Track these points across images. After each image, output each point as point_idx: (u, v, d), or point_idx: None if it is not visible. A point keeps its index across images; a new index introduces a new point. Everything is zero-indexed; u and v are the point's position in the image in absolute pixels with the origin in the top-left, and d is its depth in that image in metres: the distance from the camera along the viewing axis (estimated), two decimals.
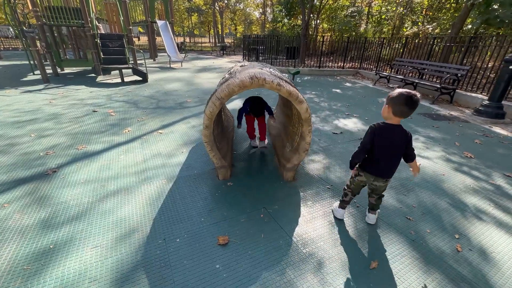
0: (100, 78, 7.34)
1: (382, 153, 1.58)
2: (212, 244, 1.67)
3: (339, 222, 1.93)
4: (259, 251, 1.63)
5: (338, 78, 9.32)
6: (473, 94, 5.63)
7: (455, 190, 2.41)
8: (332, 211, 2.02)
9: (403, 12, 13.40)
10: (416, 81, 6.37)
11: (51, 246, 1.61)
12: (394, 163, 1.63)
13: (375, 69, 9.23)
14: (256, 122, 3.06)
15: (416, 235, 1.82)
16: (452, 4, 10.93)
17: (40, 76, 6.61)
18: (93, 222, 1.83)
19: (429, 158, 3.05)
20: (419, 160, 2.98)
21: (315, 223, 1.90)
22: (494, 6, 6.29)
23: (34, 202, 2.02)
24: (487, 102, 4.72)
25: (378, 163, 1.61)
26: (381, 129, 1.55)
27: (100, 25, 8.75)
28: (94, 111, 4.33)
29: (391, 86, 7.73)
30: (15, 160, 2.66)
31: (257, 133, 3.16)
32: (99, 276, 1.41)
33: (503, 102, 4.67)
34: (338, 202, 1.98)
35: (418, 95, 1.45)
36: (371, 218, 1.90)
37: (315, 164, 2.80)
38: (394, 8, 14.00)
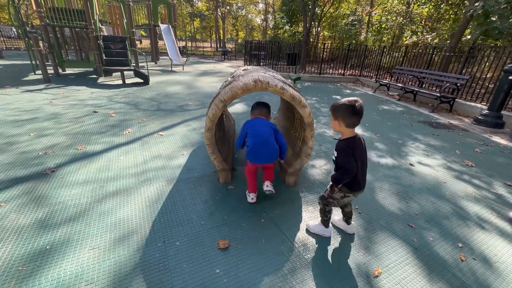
0: (101, 80, 7.34)
1: (360, 167, 1.50)
2: (213, 248, 1.64)
3: (341, 230, 1.90)
4: (260, 256, 1.60)
5: (338, 85, 9.39)
6: (473, 104, 5.68)
7: (457, 198, 2.40)
8: (317, 233, 1.79)
9: (403, 22, 13.61)
10: (416, 89, 6.42)
11: (47, 247, 1.57)
12: (365, 171, 1.58)
13: (375, 77, 9.32)
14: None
15: (419, 243, 1.80)
16: (451, 15, 11.12)
17: (41, 76, 6.61)
18: (91, 223, 1.80)
19: (430, 165, 3.04)
20: (420, 167, 2.97)
21: None
22: (492, 17, 6.40)
23: (31, 201, 1.99)
24: (487, 111, 4.76)
25: (359, 179, 1.52)
26: (354, 145, 1.46)
27: (103, 27, 8.81)
28: (95, 112, 4.31)
29: (391, 93, 7.78)
30: (13, 159, 2.63)
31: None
32: (96, 279, 1.38)
33: (502, 112, 4.70)
34: (319, 223, 1.78)
35: (360, 101, 1.42)
36: (352, 227, 1.83)
37: (317, 169, 2.79)
38: (394, 18, 14.23)
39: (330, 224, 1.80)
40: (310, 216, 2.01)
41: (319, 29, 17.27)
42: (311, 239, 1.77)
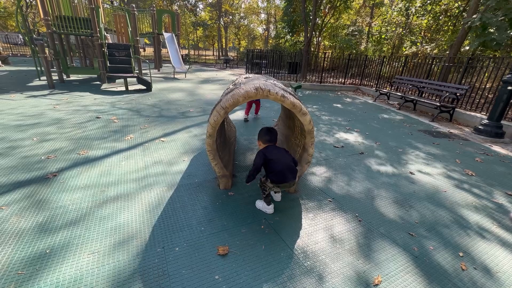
0: (104, 86, 7.45)
1: (278, 165, 1.94)
2: (212, 254, 1.64)
3: (341, 236, 1.90)
4: (260, 263, 1.59)
5: (339, 93, 9.47)
6: (472, 113, 5.71)
7: (457, 207, 2.39)
8: (261, 209, 2.12)
9: (402, 33, 13.85)
10: (416, 98, 6.47)
11: (47, 251, 1.57)
12: (290, 169, 1.97)
13: (375, 86, 9.41)
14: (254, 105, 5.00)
15: (420, 252, 1.79)
16: (450, 27, 11.31)
17: (46, 82, 6.71)
18: (91, 227, 1.80)
19: (430, 174, 3.04)
20: (420, 176, 2.97)
21: (317, 236, 1.87)
22: (490, 29, 6.51)
23: (32, 205, 2.00)
24: (487, 121, 4.78)
25: (282, 174, 1.93)
26: (266, 150, 2.02)
27: (108, 35, 8.99)
28: (97, 118, 4.36)
29: (391, 102, 7.84)
30: (16, 163, 2.65)
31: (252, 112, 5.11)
32: (94, 284, 1.37)
33: (502, 121, 4.73)
34: (262, 201, 2.11)
35: (274, 126, 2.05)
36: (278, 196, 2.26)
37: (317, 176, 2.79)
38: (393, 29, 14.48)
39: (272, 204, 2.11)
40: (310, 223, 2.01)
41: (320, 38, 17.55)
42: (311, 247, 1.76)
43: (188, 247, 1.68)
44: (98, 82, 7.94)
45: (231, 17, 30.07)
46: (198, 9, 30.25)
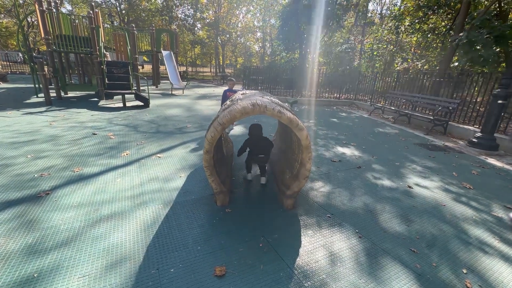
0: (102, 102, 7.48)
1: (254, 148, 2.76)
2: (208, 275, 1.57)
3: (342, 254, 1.85)
4: (259, 284, 1.53)
5: (335, 108, 9.62)
6: (466, 126, 5.81)
7: (457, 222, 2.36)
8: (244, 177, 2.96)
9: (393, 50, 14.36)
10: (410, 112, 6.59)
11: (34, 275, 1.49)
12: (261, 150, 2.74)
13: (369, 100, 9.60)
14: None
15: (422, 269, 1.74)
16: (438, 44, 11.78)
17: (43, 98, 6.74)
18: (83, 248, 1.73)
19: (429, 187, 3.04)
20: (419, 189, 2.96)
21: (317, 254, 1.82)
22: (477, 47, 6.78)
23: (22, 225, 1.92)
24: (480, 134, 4.86)
25: (254, 152, 2.75)
26: (249, 140, 2.80)
27: (108, 53, 9.18)
28: (94, 134, 4.34)
29: (385, 116, 7.96)
30: (7, 181, 2.59)
31: None
32: None
33: (495, 134, 4.80)
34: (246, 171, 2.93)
35: (257, 124, 2.80)
36: (263, 179, 2.84)
37: (315, 192, 2.77)
38: (384, 46, 15.03)
39: (251, 173, 2.92)
40: (310, 241, 1.96)
41: (314, 55, 18.10)
42: (311, 265, 1.71)
43: (184, 268, 1.62)
44: (95, 99, 7.98)
45: (228, 36, 31.01)
46: (196, 28, 31.22)
